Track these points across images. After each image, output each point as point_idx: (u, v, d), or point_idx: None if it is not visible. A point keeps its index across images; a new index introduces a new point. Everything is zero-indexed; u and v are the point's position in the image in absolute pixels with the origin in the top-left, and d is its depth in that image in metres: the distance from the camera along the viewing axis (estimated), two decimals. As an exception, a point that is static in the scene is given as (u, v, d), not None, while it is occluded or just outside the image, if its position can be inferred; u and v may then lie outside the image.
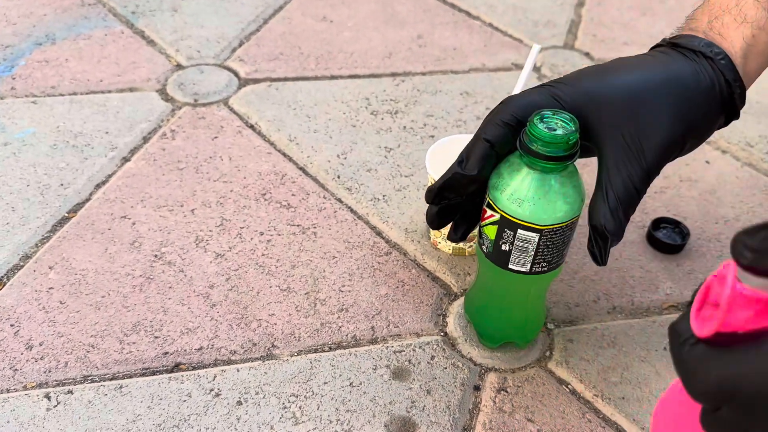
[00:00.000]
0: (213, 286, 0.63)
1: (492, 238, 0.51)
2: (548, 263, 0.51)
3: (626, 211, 0.48)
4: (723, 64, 0.50)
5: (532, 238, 0.49)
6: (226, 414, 0.54)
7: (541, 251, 0.50)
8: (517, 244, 0.50)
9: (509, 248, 0.50)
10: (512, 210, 0.49)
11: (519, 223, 0.49)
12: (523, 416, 0.55)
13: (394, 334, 0.60)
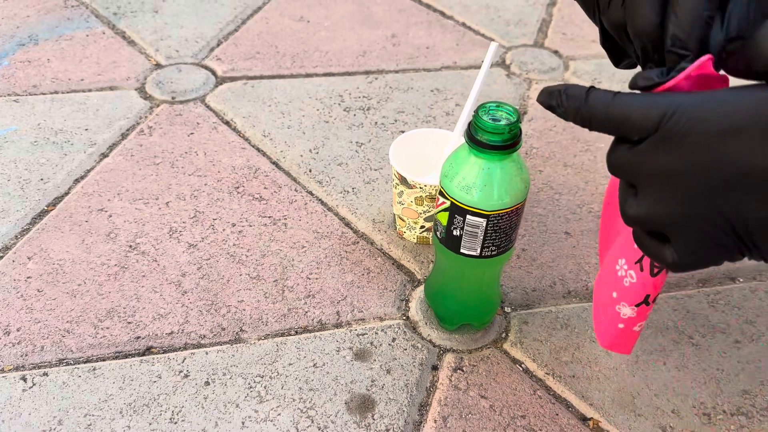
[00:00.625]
0: (185, 275, 0.65)
1: (444, 224, 0.54)
2: (497, 247, 0.54)
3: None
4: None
5: (480, 223, 0.52)
6: (194, 393, 0.56)
7: (489, 236, 0.53)
8: (466, 229, 0.53)
9: (460, 233, 0.53)
10: (461, 197, 0.52)
11: (468, 209, 0.52)
12: (477, 393, 0.57)
13: (359, 318, 0.63)
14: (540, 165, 0.80)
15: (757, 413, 0.58)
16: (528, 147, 0.83)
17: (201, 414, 0.55)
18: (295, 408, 0.56)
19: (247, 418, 0.55)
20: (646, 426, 0.56)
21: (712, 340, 0.63)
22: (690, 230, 0.37)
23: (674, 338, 0.63)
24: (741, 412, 0.58)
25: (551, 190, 0.77)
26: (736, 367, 0.61)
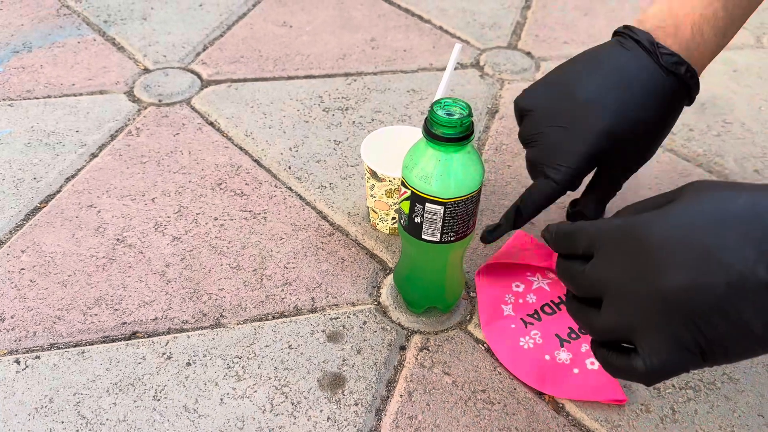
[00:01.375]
0: (169, 265, 0.69)
1: (407, 212, 0.58)
2: (455, 233, 0.58)
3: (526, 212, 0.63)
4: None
5: (438, 211, 0.56)
6: (176, 373, 0.60)
7: (447, 222, 0.57)
8: (426, 216, 0.57)
9: (421, 220, 0.57)
10: (420, 186, 0.56)
11: (426, 197, 0.56)
12: (441, 370, 0.61)
13: (332, 303, 0.67)
14: (509, 160, 0.84)
15: (704, 387, 0.62)
16: (498, 143, 0.87)
17: (182, 392, 0.59)
18: (270, 385, 0.60)
19: (226, 395, 0.59)
20: (598, 399, 0.60)
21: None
22: (655, 333, 0.40)
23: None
24: (689, 386, 0.62)
25: (518, 183, 0.81)
26: (686, 345, 0.65)
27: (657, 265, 0.39)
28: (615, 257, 0.41)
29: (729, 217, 0.38)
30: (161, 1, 1.10)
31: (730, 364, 0.44)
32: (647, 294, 0.39)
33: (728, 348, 0.38)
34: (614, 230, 0.42)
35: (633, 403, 0.60)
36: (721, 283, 0.37)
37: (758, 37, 1.11)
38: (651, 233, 0.40)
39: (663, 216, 0.40)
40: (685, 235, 0.39)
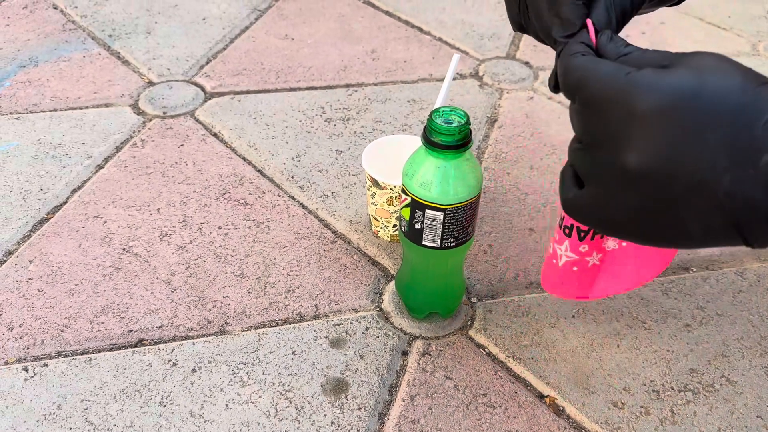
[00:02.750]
0: (174, 274, 0.71)
1: (407, 218, 0.59)
2: (455, 239, 0.59)
3: (617, 17, 0.48)
4: None
5: (438, 217, 0.57)
6: (181, 380, 0.61)
7: (447, 228, 0.58)
8: (426, 222, 0.58)
9: (421, 227, 0.58)
10: (420, 193, 0.57)
11: (426, 204, 0.57)
12: (443, 374, 0.62)
13: (335, 310, 0.68)
14: (508, 168, 0.85)
15: (703, 389, 0.62)
16: (498, 152, 0.88)
17: (188, 398, 0.60)
18: (274, 391, 0.61)
19: (231, 400, 0.60)
20: (598, 402, 0.61)
21: (663, 324, 0.68)
22: (603, 191, 0.42)
23: (628, 323, 0.68)
24: (688, 389, 0.62)
25: (518, 190, 0.82)
26: (685, 348, 0.66)
27: (631, 134, 0.39)
28: (594, 111, 0.41)
29: (722, 112, 0.38)
30: (165, 16, 1.12)
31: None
32: (611, 160, 0.40)
33: (659, 235, 0.41)
34: (605, 81, 0.41)
35: (633, 406, 0.60)
36: (681, 182, 0.38)
37: (754, 44, 1.12)
38: (637, 99, 0.39)
39: (657, 82, 0.39)
40: (668, 115, 0.38)
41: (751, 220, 0.38)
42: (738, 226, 0.38)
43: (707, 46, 1.11)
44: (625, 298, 0.70)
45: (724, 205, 0.38)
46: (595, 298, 0.57)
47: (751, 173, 0.37)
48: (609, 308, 0.69)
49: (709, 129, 0.37)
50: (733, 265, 0.75)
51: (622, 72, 0.41)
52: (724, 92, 0.38)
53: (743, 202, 0.38)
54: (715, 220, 0.39)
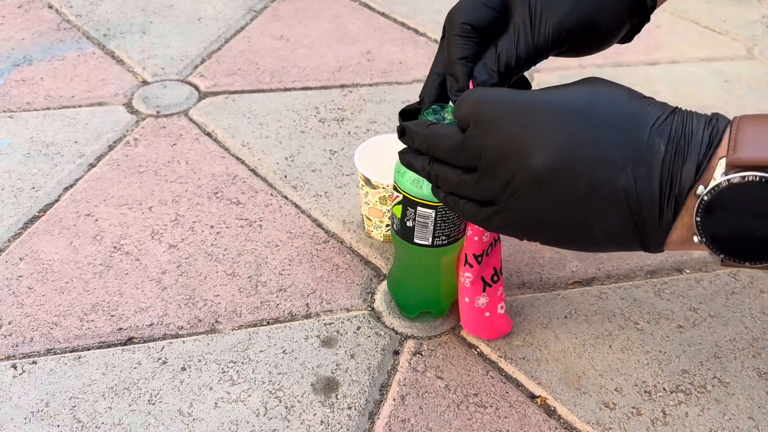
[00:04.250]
0: (165, 272, 0.70)
1: (399, 216, 0.59)
2: (447, 237, 0.59)
3: (503, 72, 0.51)
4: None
5: (430, 214, 0.57)
6: (171, 378, 0.61)
7: (438, 226, 0.58)
8: (418, 220, 0.58)
9: (413, 224, 0.58)
10: (412, 191, 0.57)
11: (418, 201, 0.57)
12: (434, 374, 0.62)
13: (327, 309, 0.68)
14: (502, 169, 0.85)
15: (695, 390, 0.62)
16: (492, 153, 0.88)
17: (177, 396, 0.59)
18: (264, 390, 0.60)
19: (220, 399, 0.59)
20: (590, 402, 0.60)
21: (656, 325, 0.68)
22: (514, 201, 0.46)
23: (620, 324, 0.68)
24: (680, 390, 0.62)
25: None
26: (677, 349, 0.66)
27: (534, 142, 0.42)
28: (492, 129, 0.44)
29: (615, 118, 0.42)
30: (160, 16, 1.12)
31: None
32: (518, 168, 0.43)
33: (568, 237, 0.45)
34: (501, 103, 0.44)
35: (624, 406, 0.60)
36: (584, 181, 0.41)
37: (749, 48, 1.13)
38: (536, 111, 0.43)
39: (554, 97, 0.43)
40: (567, 121, 0.42)
41: (645, 218, 0.41)
42: (635, 225, 0.42)
43: (703, 50, 1.12)
44: (618, 299, 0.70)
45: (622, 202, 0.41)
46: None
47: (644, 171, 0.41)
48: (601, 309, 0.69)
49: (605, 132, 0.41)
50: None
51: (517, 95, 0.45)
52: (614, 102, 0.42)
53: (638, 198, 0.41)
54: (616, 219, 0.42)
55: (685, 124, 0.41)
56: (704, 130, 0.41)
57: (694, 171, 0.40)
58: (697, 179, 0.40)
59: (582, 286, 0.71)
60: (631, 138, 0.41)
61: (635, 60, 1.07)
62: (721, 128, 0.41)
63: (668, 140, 0.40)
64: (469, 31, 0.51)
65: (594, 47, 0.55)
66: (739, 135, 0.39)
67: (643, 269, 0.74)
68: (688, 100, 0.99)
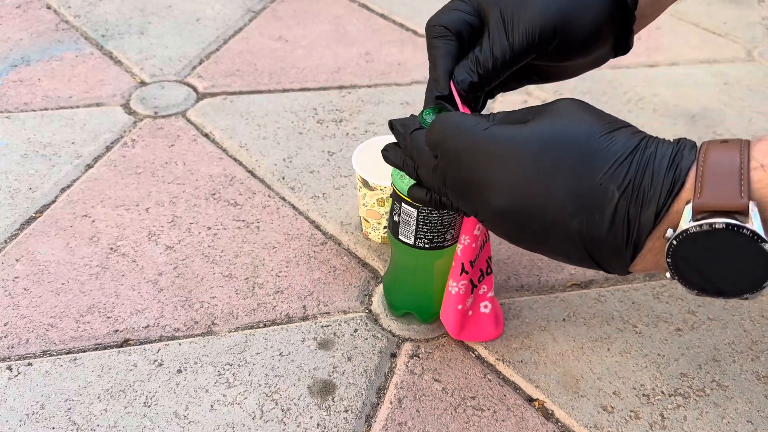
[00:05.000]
0: (162, 274, 0.70)
1: (389, 210, 0.59)
2: (429, 241, 0.58)
3: (482, 74, 0.52)
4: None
5: (413, 213, 0.57)
6: (167, 380, 0.60)
7: (420, 227, 0.57)
8: (402, 216, 0.58)
9: (398, 219, 0.58)
10: (398, 185, 0.57)
11: (403, 197, 0.57)
12: (431, 377, 0.62)
13: (324, 311, 0.67)
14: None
15: (694, 394, 0.62)
16: (490, 154, 0.87)
17: (173, 398, 0.59)
18: (260, 392, 0.60)
19: (216, 401, 0.59)
20: (588, 405, 0.60)
21: (654, 328, 0.67)
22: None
23: (619, 327, 0.67)
24: (678, 393, 0.62)
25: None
26: (676, 352, 0.65)
27: (491, 181, 0.44)
28: (456, 164, 0.46)
29: (565, 163, 0.41)
30: (159, 16, 1.12)
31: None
32: (480, 204, 0.45)
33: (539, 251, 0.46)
34: (465, 135, 0.45)
35: (622, 410, 0.60)
36: (537, 222, 0.43)
37: (749, 50, 1.12)
38: (492, 150, 0.44)
39: (511, 136, 0.44)
40: (519, 165, 0.43)
41: (602, 256, 0.43)
42: (592, 257, 0.43)
43: (703, 52, 1.11)
44: (616, 301, 0.70)
45: (577, 242, 0.42)
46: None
47: (596, 218, 0.41)
48: (600, 312, 0.68)
49: (554, 178, 0.42)
50: (725, 269, 0.74)
51: (481, 126, 0.45)
52: (569, 143, 0.42)
53: (592, 240, 0.42)
54: (573, 251, 0.43)
55: (647, 164, 0.40)
56: (667, 172, 0.40)
57: (653, 217, 0.40)
58: (656, 224, 0.40)
59: (580, 289, 0.71)
60: (581, 185, 0.41)
61: (635, 62, 1.07)
62: (685, 168, 0.40)
63: (625, 184, 0.40)
64: (444, 32, 0.52)
65: (573, 52, 0.54)
66: (705, 177, 0.39)
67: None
68: (687, 102, 0.99)
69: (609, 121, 0.43)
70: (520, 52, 0.51)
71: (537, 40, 0.51)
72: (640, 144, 0.41)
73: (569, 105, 0.44)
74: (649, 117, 0.95)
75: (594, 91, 1.00)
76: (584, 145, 0.41)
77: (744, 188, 0.38)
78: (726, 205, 0.38)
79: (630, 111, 0.95)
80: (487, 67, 0.51)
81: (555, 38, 0.52)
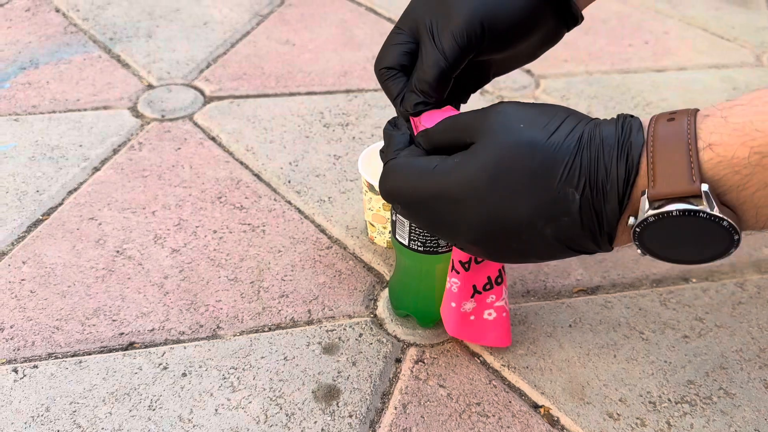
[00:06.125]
0: (167, 277, 0.70)
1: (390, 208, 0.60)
2: (422, 244, 0.58)
3: (424, 90, 0.51)
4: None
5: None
6: (171, 384, 0.60)
7: (413, 229, 0.57)
8: (398, 216, 0.58)
9: (395, 219, 0.58)
10: None
11: None
12: (436, 383, 0.61)
13: (329, 316, 0.67)
14: (507, 175, 0.85)
15: (701, 401, 0.61)
16: (497, 159, 0.87)
17: (177, 402, 0.59)
18: (265, 396, 0.60)
19: (220, 405, 0.59)
20: (593, 413, 0.60)
21: (661, 335, 0.67)
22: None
23: (625, 333, 0.67)
24: (685, 401, 0.61)
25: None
26: (683, 359, 0.65)
27: (453, 221, 0.46)
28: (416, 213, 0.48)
29: (521, 183, 0.43)
30: (166, 20, 1.12)
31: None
32: (453, 240, 0.48)
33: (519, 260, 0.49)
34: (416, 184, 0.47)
35: (628, 417, 0.60)
36: (514, 240, 0.45)
37: (758, 55, 1.12)
38: (446, 192, 0.45)
39: (460, 174, 0.45)
40: (478, 200, 0.44)
41: (583, 246, 0.45)
42: (575, 250, 0.45)
43: (711, 57, 1.11)
44: (623, 308, 0.69)
45: (556, 244, 0.44)
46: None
47: (566, 220, 0.43)
48: (606, 318, 0.68)
49: (515, 201, 0.43)
50: (733, 276, 0.74)
51: (428, 168, 0.46)
52: (517, 163, 0.43)
53: (571, 239, 0.44)
54: (558, 252, 0.45)
55: (598, 157, 0.42)
56: (618, 162, 0.41)
57: (617, 209, 0.42)
58: (622, 213, 0.42)
59: (587, 295, 0.71)
60: (542, 198, 0.43)
61: (642, 66, 1.07)
62: (636, 155, 0.41)
63: (582, 184, 0.42)
64: (389, 73, 0.53)
65: (511, 40, 0.53)
66: (656, 165, 0.40)
67: (649, 278, 0.73)
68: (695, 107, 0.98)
69: (546, 119, 0.44)
70: (454, 58, 0.51)
71: (467, 41, 0.50)
72: (584, 136, 0.42)
73: (503, 117, 0.45)
74: (657, 122, 0.95)
75: (601, 96, 0.99)
76: (531, 159, 0.42)
77: (695, 172, 0.39)
78: (679, 192, 0.40)
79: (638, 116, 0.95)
80: (426, 80, 0.51)
81: (485, 33, 0.51)
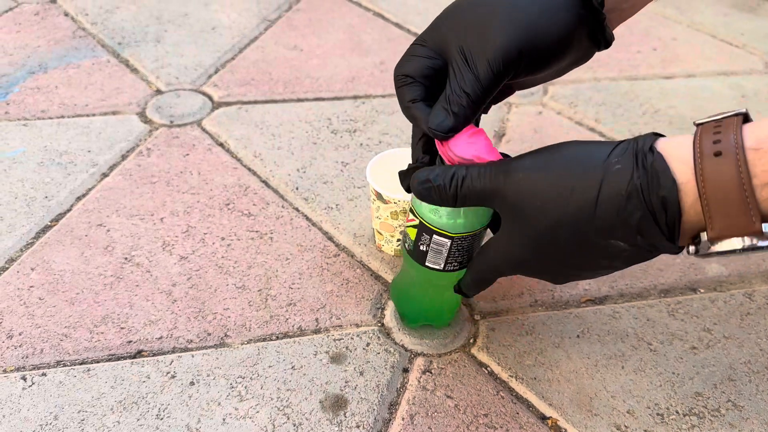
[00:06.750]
0: (175, 285, 0.70)
1: (413, 238, 0.59)
2: (459, 263, 0.58)
3: (457, 112, 0.50)
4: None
5: (446, 243, 0.56)
6: (179, 392, 0.61)
7: (452, 254, 0.57)
8: (432, 246, 0.57)
9: (426, 249, 0.58)
10: (430, 219, 0.56)
11: (435, 230, 0.56)
12: (443, 393, 0.61)
13: (336, 324, 0.67)
14: (515, 183, 0.84)
15: (708, 414, 0.61)
16: (505, 166, 0.87)
17: (185, 411, 0.59)
18: (272, 406, 0.60)
19: (228, 415, 0.59)
20: (601, 424, 0.60)
21: (669, 346, 0.67)
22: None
23: (633, 344, 0.67)
24: (693, 413, 0.61)
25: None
26: (691, 371, 0.65)
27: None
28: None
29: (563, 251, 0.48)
30: (175, 25, 1.12)
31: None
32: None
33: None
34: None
35: (636, 429, 0.59)
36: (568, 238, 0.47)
37: (767, 62, 1.11)
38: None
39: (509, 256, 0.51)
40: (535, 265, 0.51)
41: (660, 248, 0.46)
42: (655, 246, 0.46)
43: (719, 64, 1.10)
44: (631, 318, 0.69)
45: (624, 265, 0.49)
46: None
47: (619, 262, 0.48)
48: (614, 329, 0.68)
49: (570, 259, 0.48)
50: (741, 286, 0.73)
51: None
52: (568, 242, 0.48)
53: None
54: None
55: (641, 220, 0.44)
56: (658, 217, 0.44)
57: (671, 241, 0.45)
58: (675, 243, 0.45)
59: (595, 305, 0.70)
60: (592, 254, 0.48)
61: (650, 73, 1.06)
62: (673, 202, 0.43)
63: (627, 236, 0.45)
64: (408, 80, 0.53)
65: (546, 64, 0.52)
66: (711, 208, 0.42)
67: (657, 288, 0.73)
68: (704, 114, 0.98)
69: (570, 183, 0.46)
70: (490, 84, 0.50)
71: (503, 68, 0.50)
72: (628, 204, 0.44)
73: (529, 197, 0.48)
74: (665, 129, 0.94)
75: (609, 103, 0.99)
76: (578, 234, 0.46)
77: (754, 213, 0.40)
78: (740, 233, 0.41)
79: (646, 123, 0.94)
80: (461, 104, 0.50)
81: (522, 60, 0.50)
